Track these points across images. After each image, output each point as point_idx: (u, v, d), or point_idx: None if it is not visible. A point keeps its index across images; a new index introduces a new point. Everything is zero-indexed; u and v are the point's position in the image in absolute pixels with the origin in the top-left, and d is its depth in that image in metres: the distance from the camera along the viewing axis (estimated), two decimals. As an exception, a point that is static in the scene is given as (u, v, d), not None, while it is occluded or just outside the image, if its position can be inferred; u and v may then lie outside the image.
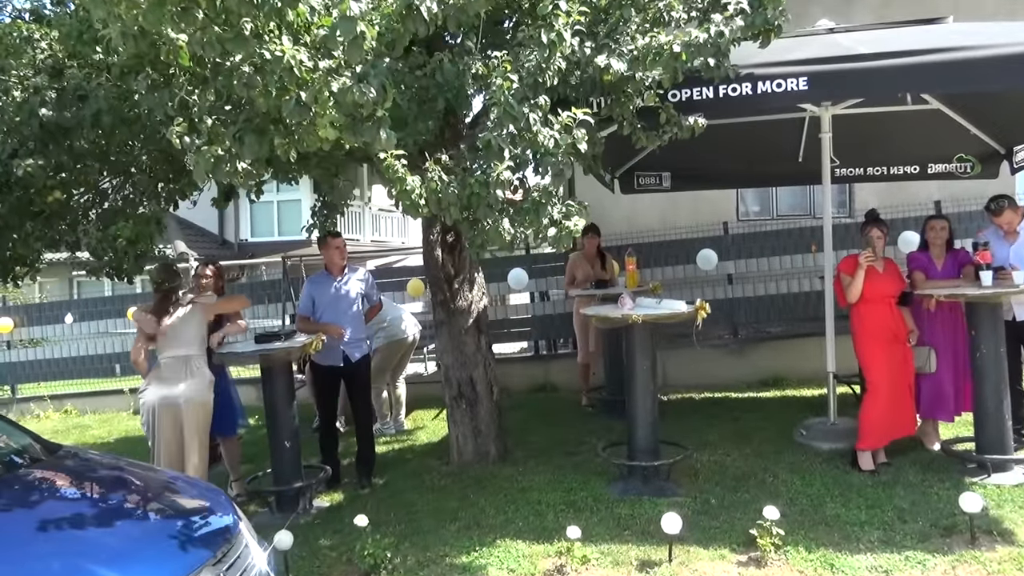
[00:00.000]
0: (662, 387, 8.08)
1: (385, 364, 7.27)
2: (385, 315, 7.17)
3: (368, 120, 2.84)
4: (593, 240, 7.43)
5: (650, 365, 5.02)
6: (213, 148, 2.91)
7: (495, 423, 5.93)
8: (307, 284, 5.95)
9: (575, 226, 3.63)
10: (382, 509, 5.14)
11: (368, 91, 2.73)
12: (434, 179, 3.46)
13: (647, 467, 5.00)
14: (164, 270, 5.01)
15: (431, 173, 3.48)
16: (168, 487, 3.02)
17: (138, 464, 3.27)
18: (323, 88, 2.65)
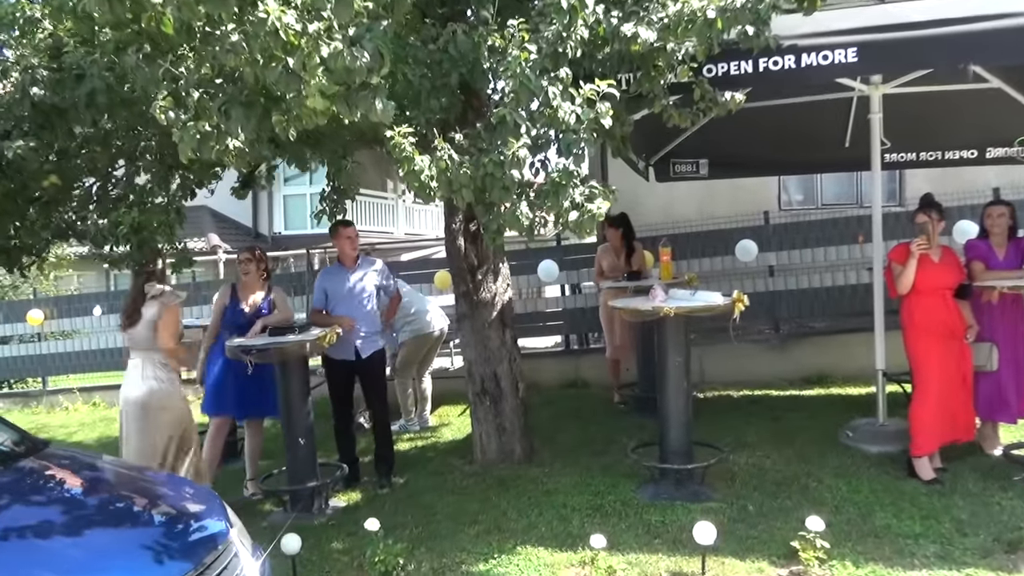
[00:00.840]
0: (699, 384, 7.77)
1: (411, 358, 7.04)
2: (411, 308, 6.96)
3: (363, 88, 2.59)
4: (615, 231, 7.08)
5: (683, 361, 4.70)
6: (200, 123, 2.68)
7: (520, 421, 5.66)
8: (320, 276, 5.75)
9: (598, 210, 3.33)
10: (399, 510, 4.91)
11: (361, 55, 2.47)
12: (443, 158, 3.18)
13: (680, 470, 4.68)
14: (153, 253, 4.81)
15: (440, 152, 3.20)
16: (155, 491, 2.81)
17: (128, 466, 3.07)
18: (312, 53, 2.40)
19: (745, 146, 7.34)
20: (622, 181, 8.72)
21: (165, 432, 4.43)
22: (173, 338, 4.50)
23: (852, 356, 7.24)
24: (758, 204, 8.47)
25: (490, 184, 3.28)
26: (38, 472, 2.82)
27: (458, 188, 3.26)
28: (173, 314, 4.57)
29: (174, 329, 4.58)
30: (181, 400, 4.64)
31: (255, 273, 5.37)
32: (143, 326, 4.56)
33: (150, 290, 4.61)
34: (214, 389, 5.32)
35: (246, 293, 5.38)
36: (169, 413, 4.40)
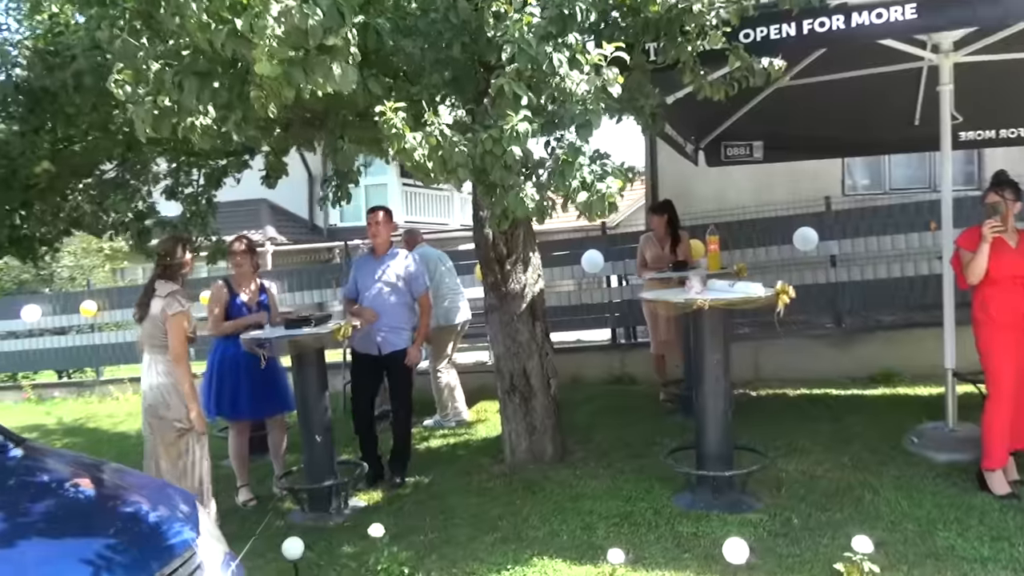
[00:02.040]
0: (752, 381, 7.30)
1: (440, 349, 6.79)
2: (444, 300, 6.74)
3: (321, 52, 2.31)
4: (659, 218, 6.66)
5: (722, 358, 4.29)
6: (160, 98, 2.46)
7: (552, 420, 5.34)
8: (353, 265, 5.54)
9: (609, 190, 2.97)
10: (418, 513, 4.66)
11: (313, 13, 2.19)
12: (433, 134, 2.89)
13: (717, 477, 4.28)
14: (164, 245, 4.55)
15: (430, 127, 2.91)
16: (120, 496, 2.61)
17: (105, 467, 2.89)
18: (262, 12, 2.14)
19: (803, 126, 6.82)
20: (671, 166, 8.35)
21: (173, 430, 4.27)
22: (181, 348, 4.23)
23: (922, 353, 6.64)
24: (819, 189, 7.89)
25: (489, 163, 2.97)
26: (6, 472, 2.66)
27: (453, 168, 2.96)
28: (179, 322, 4.26)
29: (182, 337, 4.28)
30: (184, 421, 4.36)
31: (249, 265, 5.19)
32: (149, 322, 4.37)
33: (159, 287, 4.42)
34: (228, 392, 5.14)
35: (242, 285, 5.21)
36: (175, 411, 4.22)
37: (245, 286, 5.24)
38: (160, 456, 4.26)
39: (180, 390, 4.20)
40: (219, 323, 5.14)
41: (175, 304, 4.28)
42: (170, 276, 4.35)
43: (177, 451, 4.28)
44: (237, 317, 5.12)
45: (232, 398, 5.15)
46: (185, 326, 4.27)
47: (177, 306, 4.28)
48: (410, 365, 5.30)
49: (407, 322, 5.35)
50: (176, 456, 4.19)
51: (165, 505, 2.59)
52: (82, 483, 2.63)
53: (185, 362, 4.29)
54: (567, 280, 8.58)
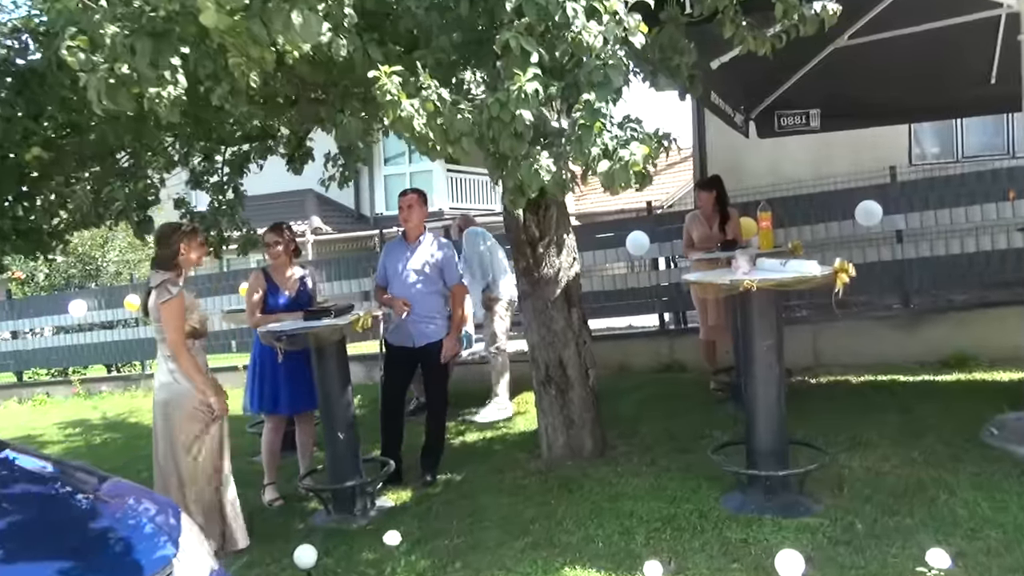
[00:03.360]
0: (811, 367, 6.81)
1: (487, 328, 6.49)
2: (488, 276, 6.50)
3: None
4: (707, 194, 6.21)
5: (774, 344, 3.87)
6: (117, 65, 2.20)
7: (591, 413, 4.99)
8: (383, 250, 5.27)
9: (633, 157, 2.60)
10: (446, 514, 4.37)
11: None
12: (430, 99, 2.55)
13: (771, 477, 3.88)
14: (156, 234, 4.30)
15: (426, 91, 2.57)
16: (93, 509, 2.38)
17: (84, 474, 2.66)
18: (207, -46, 1.85)
19: (864, 90, 6.28)
20: (720, 140, 7.85)
21: (188, 431, 4.05)
22: (174, 335, 3.96)
23: (1001, 334, 6.07)
24: (883, 159, 7.30)
25: (497, 130, 2.62)
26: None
27: (456, 137, 2.63)
28: (170, 310, 3.99)
29: (176, 324, 4.00)
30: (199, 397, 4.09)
31: (285, 254, 4.95)
32: (151, 314, 4.14)
33: (152, 278, 4.14)
34: (268, 386, 4.94)
35: (281, 277, 4.97)
36: (184, 412, 4.00)
37: (283, 276, 5.01)
38: (174, 454, 4.07)
39: (189, 384, 3.98)
40: (255, 315, 4.92)
41: (164, 292, 4.01)
42: (162, 265, 4.07)
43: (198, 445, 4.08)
44: (276, 308, 4.89)
45: (272, 392, 4.94)
46: (179, 313, 3.98)
47: (167, 294, 4.00)
48: (445, 359, 5.00)
49: (439, 311, 5.05)
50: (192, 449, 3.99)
51: (142, 518, 2.35)
52: (53, 495, 2.41)
53: (185, 351, 4.00)
54: (613, 264, 8.18)
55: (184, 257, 4.15)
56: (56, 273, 12.44)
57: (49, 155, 3.57)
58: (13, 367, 10.68)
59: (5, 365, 10.67)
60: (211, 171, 5.82)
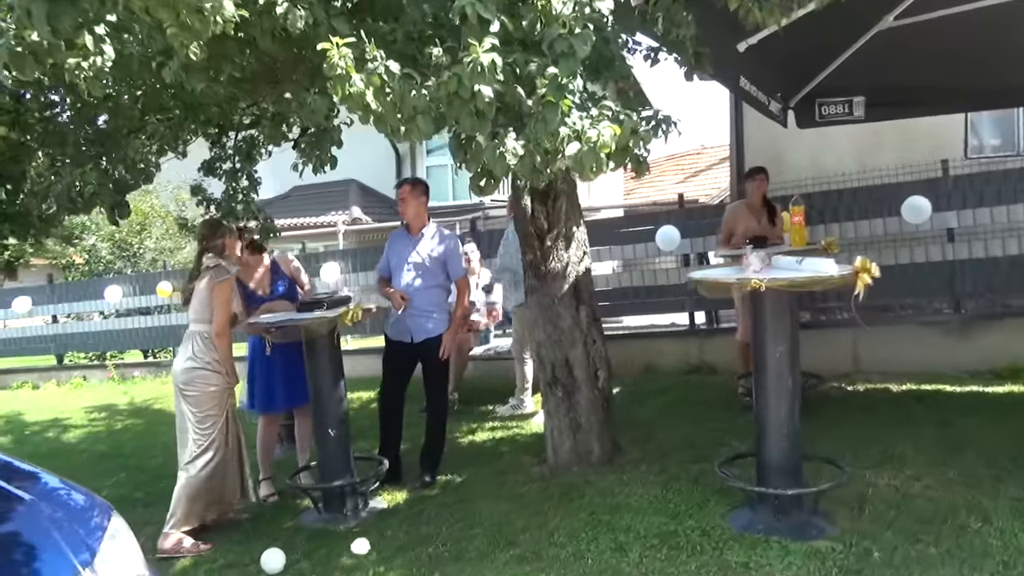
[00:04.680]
0: (849, 374, 6.38)
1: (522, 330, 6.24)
2: None
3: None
4: (761, 184, 5.83)
5: (787, 350, 3.53)
6: (27, 33, 2.02)
7: (598, 416, 4.70)
8: (387, 242, 5.09)
9: (600, 138, 2.31)
10: (437, 519, 4.16)
11: None
12: (376, 72, 2.31)
13: (779, 496, 3.54)
14: (205, 226, 4.45)
15: (373, 64, 2.33)
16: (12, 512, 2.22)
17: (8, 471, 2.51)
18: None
19: (913, 76, 5.77)
20: (758, 131, 7.43)
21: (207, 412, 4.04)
22: (223, 315, 4.13)
23: (1061, 344, 5.56)
24: (936, 151, 6.78)
25: (457, 107, 2.37)
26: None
27: (411, 116, 2.38)
28: (224, 291, 4.17)
29: (225, 308, 4.19)
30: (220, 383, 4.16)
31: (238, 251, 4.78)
32: (196, 298, 4.24)
33: (207, 260, 4.27)
34: (261, 384, 4.81)
35: (248, 277, 4.83)
36: (205, 395, 4.05)
37: (250, 275, 4.87)
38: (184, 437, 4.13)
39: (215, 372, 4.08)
40: (244, 318, 4.80)
41: (223, 272, 4.21)
42: (217, 252, 4.27)
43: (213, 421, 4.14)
44: (254, 308, 4.75)
45: (266, 389, 4.81)
46: (230, 296, 4.20)
47: (224, 274, 4.20)
48: (444, 355, 4.78)
49: (439, 306, 4.83)
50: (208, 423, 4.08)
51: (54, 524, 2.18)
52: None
53: (228, 336, 4.20)
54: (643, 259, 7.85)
55: (230, 251, 4.39)
56: (96, 260, 12.67)
57: (18, 135, 3.47)
58: (54, 350, 10.90)
59: (46, 348, 10.90)
60: (223, 158, 5.69)
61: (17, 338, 11.21)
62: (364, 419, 6.16)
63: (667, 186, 18.98)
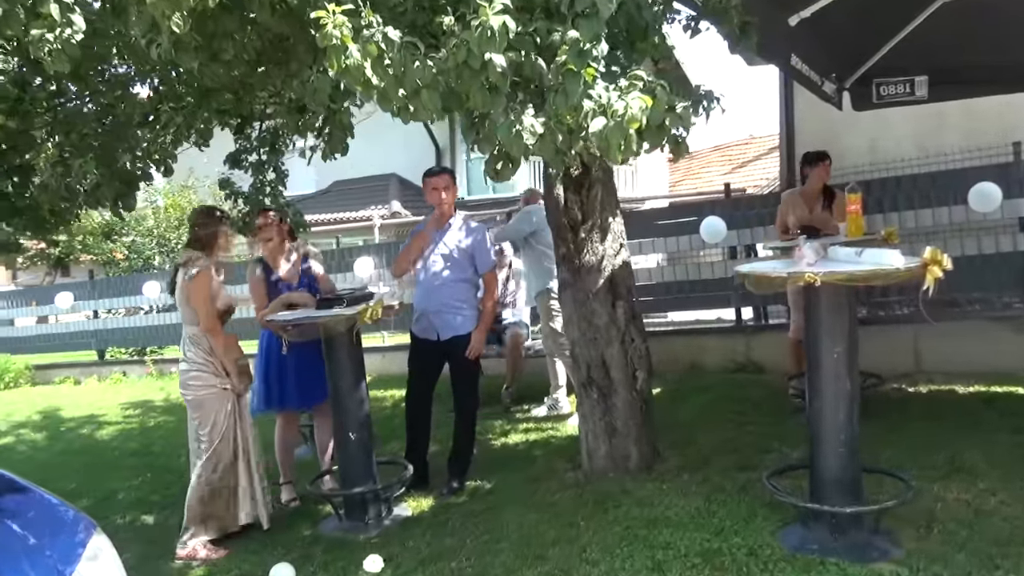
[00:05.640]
0: (910, 374, 5.95)
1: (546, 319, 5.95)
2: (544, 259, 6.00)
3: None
4: (822, 169, 5.43)
5: (845, 351, 3.17)
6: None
7: (637, 420, 4.39)
8: (411, 234, 4.86)
9: (630, 111, 2.01)
10: (462, 529, 3.91)
11: None
12: (373, 40, 2.04)
13: (837, 514, 3.19)
14: (196, 214, 4.20)
15: (370, 31, 2.06)
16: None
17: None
18: None
19: (982, 51, 5.31)
20: (811, 113, 6.99)
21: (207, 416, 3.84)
22: (205, 313, 3.88)
23: None
24: (1007, 133, 6.26)
25: (467, 79, 2.09)
26: None
27: (415, 90, 2.11)
28: (198, 285, 3.90)
29: (204, 304, 3.92)
30: (218, 383, 3.97)
31: (277, 238, 4.60)
32: (178, 298, 4.04)
33: (182, 255, 4.07)
34: (275, 382, 4.62)
35: (277, 264, 4.62)
36: (201, 397, 3.84)
37: (279, 263, 4.67)
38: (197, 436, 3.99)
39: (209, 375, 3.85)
40: (261, 306, 4.60)
41: (192, 267, 3.91)
42: (195, 245, 4.01)
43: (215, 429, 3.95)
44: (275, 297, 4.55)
45: (280, 388, 4.62)
46: (207, 290, 3.89)
47: (195, 268, 3.89)
48: (472, 354, 4.53)
49: (468, 301, 4.58)
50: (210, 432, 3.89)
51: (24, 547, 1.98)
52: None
53: (219, 331, 3.95)
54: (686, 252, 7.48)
55: (221, 242, 4.10)
56: (135, 255, 12.73)
57: (17, 123, 3.31)
58: (94, 345, 10.96)
59: (87, 344, 10.96)
60: (248, 150, 5.53)
61: (60, 333, 11.32)
62: (399, 418, 5.95)
63: (714, 177, 18.43)
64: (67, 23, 1.98)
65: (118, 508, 4.97)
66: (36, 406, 8.95)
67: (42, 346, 11.49)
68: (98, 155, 3.53)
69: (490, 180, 2.62)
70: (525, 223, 5.86)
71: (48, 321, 12.61)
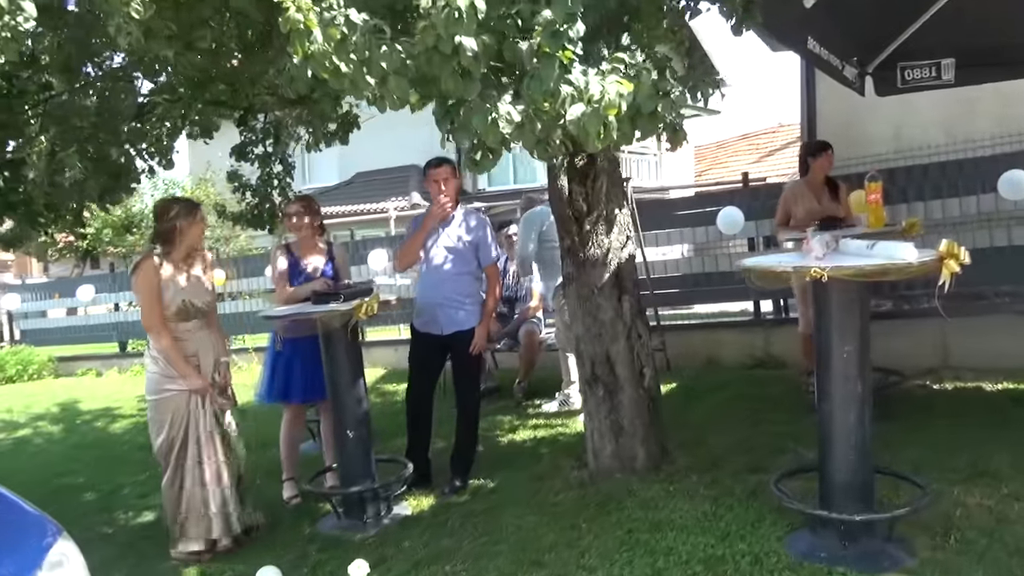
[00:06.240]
0: (936, 370, 5.73)
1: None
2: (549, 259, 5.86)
3: None
4: (828, 160, 5.24)
5: (855, 350, 3.00)
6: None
7: (644, 419, 4.25)
8: (411, 224, 4.75)
9: (607, 98, 1.87)
10: (461, 531, 3.81)
11: None
12: (335, 23, 1.92)
13: (847, 522, 3.03)
14: (156, 207, 3.97)
15: (331, 12, 1.94)
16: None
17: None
18: None
19: (1015, 30, 5.06)
20: (833, 98, 6.76)
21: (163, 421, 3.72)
22: (145, 307, 3.64)
23: None
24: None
25: (438, 65, 1.97)
26: None
27: (380, 76, 1.99)
28: (138, 277, 3.66)
29: (144, 297, 3.65)
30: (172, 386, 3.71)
31: (309, 228, 4.49)
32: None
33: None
34: (281, 373, 4.53)
35: (304, 253, 4.52)
36: (153, 403, 3.69)
37: (306, 252, 4.57)
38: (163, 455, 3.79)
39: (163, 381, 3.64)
40: (284, 291, 4.51)
41: (137, 259, 3.76)
42: (158, 240, 3.75)
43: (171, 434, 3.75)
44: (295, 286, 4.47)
45: (285, 380, 4.54)
46: (149, 286, 3.61)
47: (137, 259, 3.75)
48: (475, 350, 4.41)
49: (472, 296, 4.46)
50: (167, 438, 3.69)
51: None
52: None
53: (161, 328, 3.63)
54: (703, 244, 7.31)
55: (182, 234, 3.78)
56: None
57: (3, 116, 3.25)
58: (116, 337, 11.04)
59: (109, 336, 11.05)
60: (254, 142, 5.48)
61: (83, 325, 11.43)
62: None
63: (741, 166, 18.11)
64: (16, 9, 1.89)
65: (122, 503, 4.95)
66: (56, 398, 9.03)
67: (68, 338, 11.62)
68: (82, 148, 3.46)
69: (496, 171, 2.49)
70: (527, 239, 5.87)
71: (77, 313, 12.74)
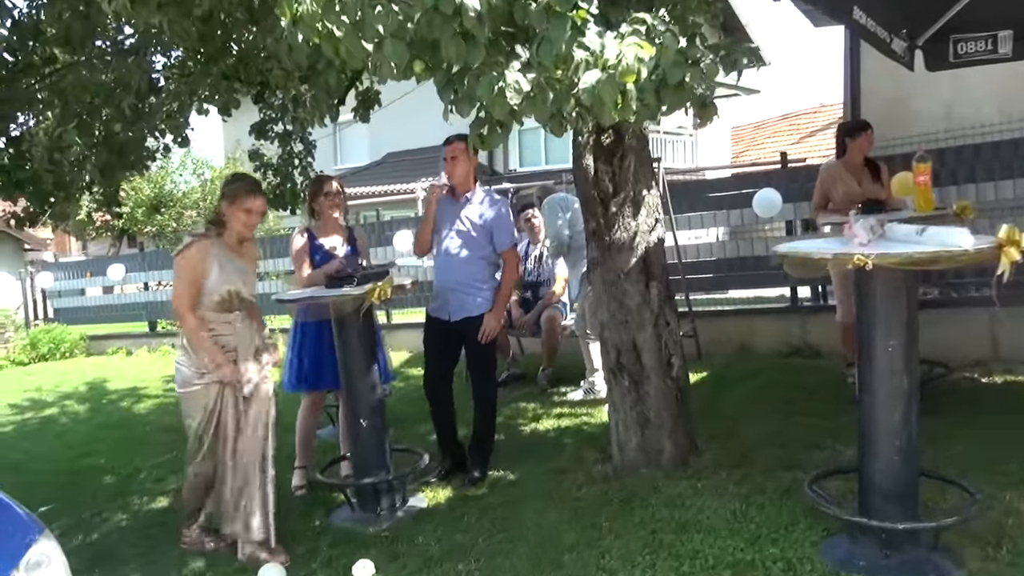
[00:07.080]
0: (985, 362, 5.42)
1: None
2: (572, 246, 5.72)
3: None
4: (864, 140, 4.95)
5: (903, 343, 2.76)
6: None
7: (671, 411, 4.04)
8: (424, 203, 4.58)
9: (624, 63, 1.66)
10: (476, 526, 3.66)
11: None
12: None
13: (889, 530, 2.80)
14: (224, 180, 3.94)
15: (316, -31, 1.76)
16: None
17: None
18: None
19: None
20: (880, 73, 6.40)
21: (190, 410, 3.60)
22: (179, 290, 3.50)
23: None
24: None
25: (438, 27, 1.77)
26: None
27: (375, 38, 1.80)
28: (183, 258, 3.52)
29: (180, 280, 3.54)
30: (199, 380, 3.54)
31: (339, 210, 4.36)
32: None
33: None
34: (308, 360, 4.39)
35: (325, 236, 4.37)
36: (182, 396, 3.56)
37: (327, 235, 4.43)
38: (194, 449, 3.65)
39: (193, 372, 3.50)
40: (304, 274, 4.37)
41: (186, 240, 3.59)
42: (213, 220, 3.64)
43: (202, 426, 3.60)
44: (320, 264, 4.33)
45: (314, 366, 4.38)
46: (188, 269, 3.47)
47: (187, 240, 3.57)
48: (485, 338, 4.22)
49: (485, 281, 4.27)
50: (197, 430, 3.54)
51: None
52: None
53: (187, 313, 3.47)
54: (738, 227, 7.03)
55: (227, 219, 3.59)
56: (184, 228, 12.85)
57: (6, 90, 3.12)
58: (146, 316, 11.10)
59: (139, 315, 11.11)
60: (273, 120, 5.36)
61: (115, 304, 11.52)
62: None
63: (782, 147, 17.58)
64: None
65: (138, 487, 4.90)
66: (85, 377, 9.09)
67: (100, 316, 11.72)
68: (84, 123, 3.33)
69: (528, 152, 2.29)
70: (555, 221, 5.72)
71: (113, 292, 12.86)
